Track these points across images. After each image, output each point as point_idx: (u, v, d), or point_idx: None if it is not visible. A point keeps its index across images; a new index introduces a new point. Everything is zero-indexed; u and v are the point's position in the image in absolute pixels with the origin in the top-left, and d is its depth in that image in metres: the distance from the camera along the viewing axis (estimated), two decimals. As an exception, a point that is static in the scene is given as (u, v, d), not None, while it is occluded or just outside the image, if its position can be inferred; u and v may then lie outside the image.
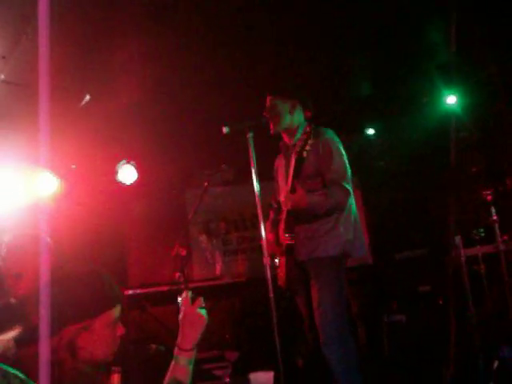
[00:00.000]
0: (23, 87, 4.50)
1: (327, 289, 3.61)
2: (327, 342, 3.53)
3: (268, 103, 3.90)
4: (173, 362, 2.12)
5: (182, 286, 5.17)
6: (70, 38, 4.59)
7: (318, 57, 5.55)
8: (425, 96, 6.51)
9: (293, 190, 3.55)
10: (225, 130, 3.82)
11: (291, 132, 3.88)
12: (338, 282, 3.65)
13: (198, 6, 4.60)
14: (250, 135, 3.86)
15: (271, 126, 3.87)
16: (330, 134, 3.80)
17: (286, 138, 3.97)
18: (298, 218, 3.70)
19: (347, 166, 3.78)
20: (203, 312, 2.18)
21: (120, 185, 6.35)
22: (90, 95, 5.26)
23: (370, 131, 7.21)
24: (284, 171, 3.91)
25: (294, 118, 3.86)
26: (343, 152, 3.80)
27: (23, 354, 1.81)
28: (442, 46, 5.59)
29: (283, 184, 3.89)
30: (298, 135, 3.55)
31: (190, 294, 2.21)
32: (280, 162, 4.07)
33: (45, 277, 1.91)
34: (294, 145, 3.61)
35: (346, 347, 3.55)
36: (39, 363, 1.74)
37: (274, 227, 4.00)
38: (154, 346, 3.95)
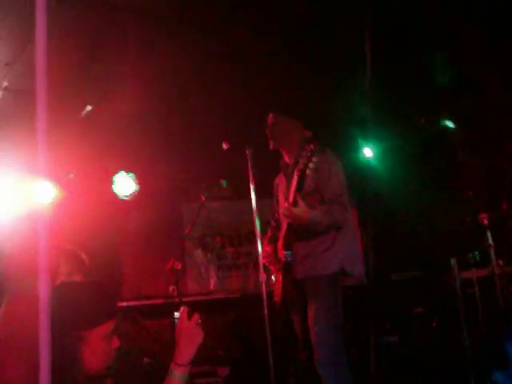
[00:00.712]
0: (25, 94, 4.51)
1: (324, 308, 3.62)
2: (322, 361, 3.53)
3: (270, 120, 3.93)
4: (167, 377, 2.13)
5: (176, 300, 5.16)
6: (74, 47, 4.62)
7: (317, 76, 5.60)
8: (422, 117, 6.55)
9: (295, 204, 3.57)
10: (225, 145, 3.85)
11: (291, 150, 3.89)
12: (334, 302, 3.65)
13: (201, 21, 4.65)
14: (249, 151, 3.90)
15: (271, 143, 3.90)
16: (331, 154, 3.83)
17: (285, 157, 3.99)
18: (297, 235, 3.71)
19: (345, 185, 3.81)
20: (200, 328, 2.20)
21: (117, 195, 6.33)
22: (91, 105, 5.28)
23: (367, 152, 7.22)
24: (285, 189, 3.92)
25: (295, 137, 3.88)
26: (342, 172, 3.84)
27: None
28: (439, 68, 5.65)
29: (283, 201, 3.90)
30: (300, 153, 3.57)
31: (187, 309, 2.23)
32: (280, 180, 4.08)
33: (44, 287, 1.90)
34: (297, 162, 3.63)
35: (340, 367, 3.55)
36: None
37: (271, 243, 4.00)
38: (146, 359, 3.93)
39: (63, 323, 1.85)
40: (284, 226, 3.76)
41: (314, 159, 3.49)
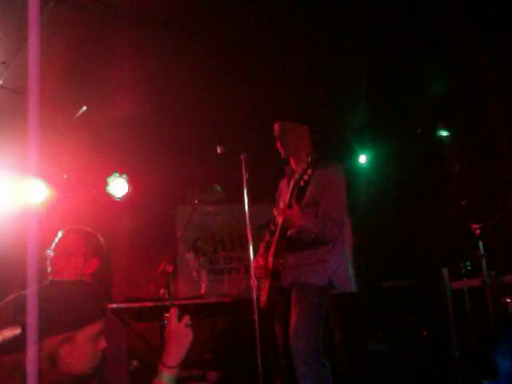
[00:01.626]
0: (20, 94, 4.50)
1: (306, 316, 3.58)
2: (301, 369, 3.50)
3: (280, 127, 3.87)
4: (156, 378, 2.12)
5: (167, 303, 5.14)
6: (70, 48, 4.62)
7: (314, 82, 5.60)
8: (419, 126, 6.58)
9: (290, 206, 3.55)
10: (219, 149, 3.84)
11: (300, 157, 3.85)
12: (317, 312, 3.61)
13: (198, 24, 4.65)
14: (243, 156, 3.89)
15: (282, 152, 3.85)
16: (336, 168, 3.80)
17: (292, 163, 3.95)
18: (289, 243, 3.69)
19: (345, 201, 3.77)
20: (189, 330, 2.19)
21: (110, 197, 6.32)
22: (87, 106, 5.27)
23: (362, 159, 7.25)
24: (285, 195, 3.90)
25: (305, 144, 3.84)
26: (344, 188, 3.78)
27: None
28: (437, 78, 5.67)
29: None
30: (303, 165, 3.54)
31: (177, 311, 2.22)
32: (284, 185, 4.05)
33: (32, 285, 1.91)
34: (297, 174, 3.61)
35: (319, 376, 3.52)
36: (17, 372, 1.73)
37: (266, 250, 3.98)
38: (135, 362, 3.91)
39: (50, 322, 1.83)
40: (277, 233, 3.74)
41: (310, 171, 3.46)
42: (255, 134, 3.93)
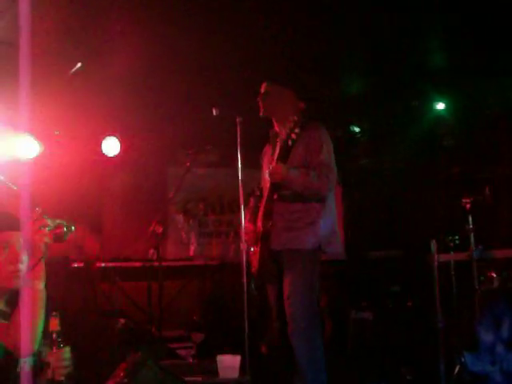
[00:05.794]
0: (15, 48, 4.41)
1: (299, 280, 3.63)
2: (295, 333, 3.56)
3: (264, 88, 3.88)
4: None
5: (155, 264, 5.17)
6: (65, 5, 4.53)
7: (311, 47, 5.55)
8: (415, 99, 6.54)
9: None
10: (215, 111, 3.82)
11: (282, 120, 3.86)
12: (310, 275, 3.67)
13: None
14: (239, 119, 3.87)
15: (261, 110, 3.86)
16: (321, 128, 3.81)
17: (276, 126, 3.95)
18: (278, 206, 3.71)
19: (333, 160, 3.79)
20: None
21: (102, 156, 6.29)
22: (82, 63, 5.20)
23: (356, 129, 7.23)
24: (270, 158, 3.91)
25: (287, 107, 3.84)
26: (331, 146, 3.82)
27: None
28: (434, 51, 5.62)
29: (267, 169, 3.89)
30: (289, 124, 3.55)
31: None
32: (267, 149, 4.06)
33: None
34: (284, 133, 3.61)
35: (313, 340, 3.58)
36: None
37: (253, 215, 4.00)
38: (122, 320, 3.94)
39: None
40: (265, 195, 3.76)
41: (297, 131, 3.47)
42: (252, 98, 3.89)
